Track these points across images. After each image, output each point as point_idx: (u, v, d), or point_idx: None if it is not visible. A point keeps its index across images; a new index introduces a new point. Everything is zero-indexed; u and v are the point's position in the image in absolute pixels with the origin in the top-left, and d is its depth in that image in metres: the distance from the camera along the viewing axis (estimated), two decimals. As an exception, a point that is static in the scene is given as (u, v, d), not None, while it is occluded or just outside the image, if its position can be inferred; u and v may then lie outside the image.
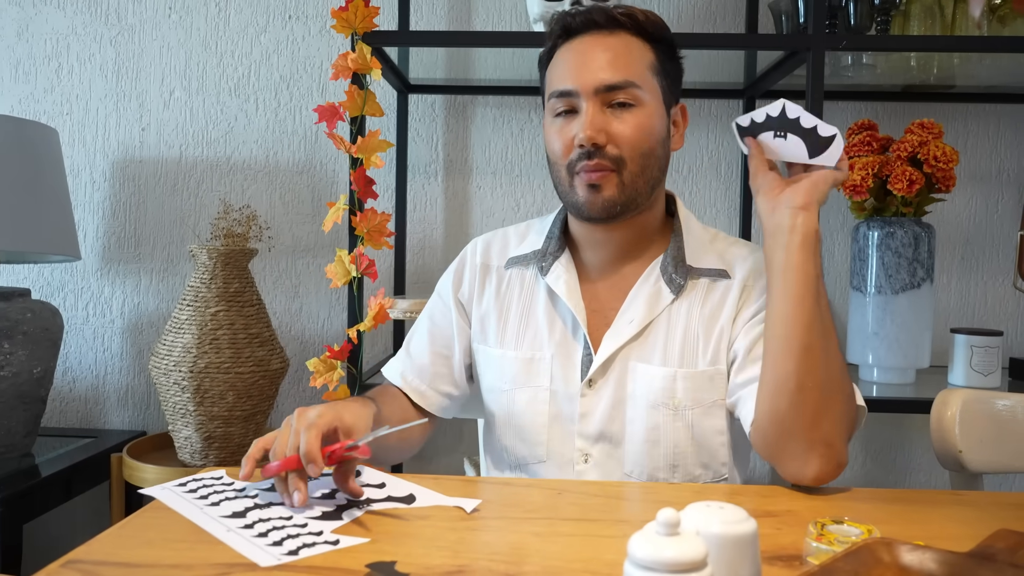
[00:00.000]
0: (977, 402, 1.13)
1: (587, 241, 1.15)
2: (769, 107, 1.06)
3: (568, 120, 1.07)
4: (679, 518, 0.54)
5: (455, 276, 1.22)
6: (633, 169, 1.06)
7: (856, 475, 2.00)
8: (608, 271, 1.14)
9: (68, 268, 2.06)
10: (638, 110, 1.06)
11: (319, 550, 0.74)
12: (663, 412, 1.06)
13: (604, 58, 1.06)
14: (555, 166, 1.10)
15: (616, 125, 1.05)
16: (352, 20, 1.53)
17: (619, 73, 1.05)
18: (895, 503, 0.93)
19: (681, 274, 1.10)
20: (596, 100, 1.05)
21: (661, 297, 1.09)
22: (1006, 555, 0.65)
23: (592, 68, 1.05)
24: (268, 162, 2.03)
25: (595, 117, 1.04)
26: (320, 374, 1.57)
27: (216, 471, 0.99)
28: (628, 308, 1.10)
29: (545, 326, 1.13)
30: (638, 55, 1.08)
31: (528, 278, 1.17)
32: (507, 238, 1.22)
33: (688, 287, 1.10)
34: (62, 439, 1.91)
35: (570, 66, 1.07)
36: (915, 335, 1.65)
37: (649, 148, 1.07)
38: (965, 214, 1.96)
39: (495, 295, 1.18)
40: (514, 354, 1.13)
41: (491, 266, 1.20)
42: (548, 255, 1.15)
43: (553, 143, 1.09)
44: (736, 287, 1.10)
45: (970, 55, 1.66)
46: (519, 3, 1.97)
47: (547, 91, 1.11)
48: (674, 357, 1.07)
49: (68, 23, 2.03)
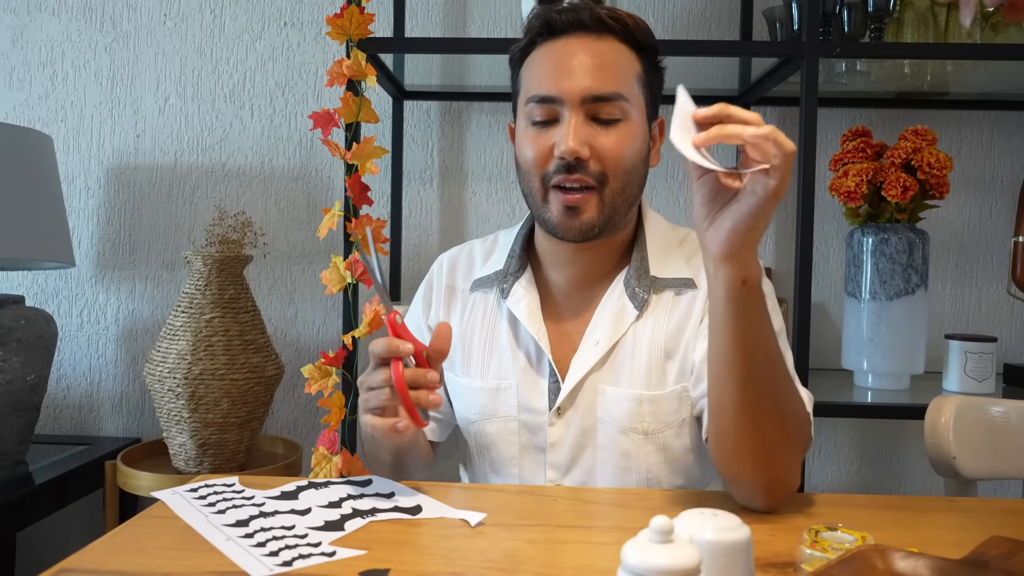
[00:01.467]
0: (971, 408, 1.13)
1: (552, 260, 1.08)
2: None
3: (546, 129, 1.00)
4: (672, 525, 0.54)
5: (423, 302, 1.17)
6: (615, 187, 0.99)
7: (851, 481, 2.00)
8: (573, 290, 1.07)
9: (62, 275, 2.05)
10: (624, 125, 0.99)
11: (314, 561, 0.74)
12: (633, 437, 1.02)
13: (591, 64, 0.97)
14: (528, 176, 1.02)
15: (601, 139, 0.98)
16: (347, 27, 1.53)
17: (608, 83, 0.97)
18: (889, 510, 0.93)
19: (644, 287, 1.03)
20: (581, 110, 0.97)
21: (625, 314, 1.03)
22: (999, 562, 0.65)
23: (578, 74, 0.97)
24: (263, 168, 2.03)
25: (579, 128, 0.97)
26: (315, 380, 1.57)
27: (229, 478, 0.99)
28: (593, 329, 1.04)
29: (509, 353, 1.07)
30: (626, 64, 1.00)
31: (491, 302, 1.10)
32: (472, 256, 1.16)
33: (652, 301, 1.04)
34: (56, 446, 1.90)
35: (552, 69, 0.99)
36: (910, 341, 1.65)
37: (632, 165, 1.00)
38: (959, 220, 1.97)
39: (459, 321, 1.12)
40: (480, 384, 1.08)
41: (456, 288, 1.14)
42: (509, 276, 1.08)
43: (526, 151, 1.01)
44: (701, 297, 1.03)
45: (964, 62, 1.67)
46: (514, 10, 1.97)
47: (523, 93, 1.03)
48: (640, 378, 1.01)
49: (63, 30, 2.03)
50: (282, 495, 0.92)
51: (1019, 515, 0.93)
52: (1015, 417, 1.14)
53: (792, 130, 1.97)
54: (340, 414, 1.56)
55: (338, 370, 1.58)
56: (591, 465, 1.04)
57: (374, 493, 0.94)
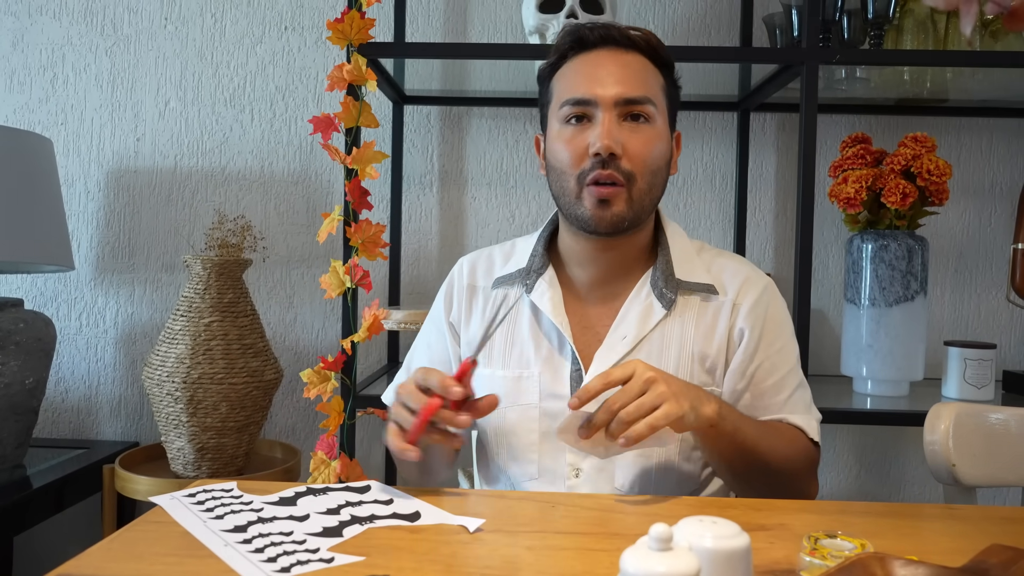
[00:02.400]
0: (970, 416, 1.13)
1: (577, 258, 1.14)
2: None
3: (580, 128, 1.06)
4: (671, 533, 0.54)
5: (445, 299, 1.21)
6: (642, 186, 1.06)
7: (850, 487, 2.00)
8: (596, 288, 1.13)
9: (61, 278, 2.05)
10: (651, 127, 1.06)
11: (312, 567, 0.74)
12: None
13: (622, 72, 1.06)
14: (562, 175, 1.08)
15: (631, 140, 1.05)
16: (347, 32, 1.53)
17: (638, 88, 1.05)
18: (888, 517, 0.93)
19: (672, 288, 1.09)
20: (614, 111, 1.04)
21: (653, 313, 1.09)
22: (999, 570, 0.65)
23: (611, 80, 1.05)
24: (263, 173, 2.03)
25: (612, 127, 1.04)
26: (314, 385, 1.57)
27: (228, 483, 0.98)
28: (620, 324, 1.09)
29: (531, 343, 1.12)
30: (652, 75, 1.09)
31: (513, 297, 1.16)
32: (492, 258, 1.21)
33: (680, 303, 1.10)
34: (54, 450, 1.90)
35: (586, 76, 1.07)
36: (909, 348, 1.65)
37: (658, 167, 1.07)
38: (958, 227, 1.97)
39: (481, 316, 1.17)
40: (502, 373, 1.12)
41: (477, 287, 1.19)
42: (532, 273, 1.14)
43: (562, 152, 1.07)
44: (727, 306, 1.10)
45: (963, 69, 1.67)
46: (515, 15, 1.98)
47: (555, 100, 1.10)
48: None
49: (63, 33, 2.03)
50: (281, 501, 0.92)
51: (1019, 523, 0.92)
52: (1014, 424, 1.14)
53: (792, 136, 1.97)
54: (339, 419, 1.56)
55: (337, 374, 1.58)
56: None
57: (372, 499, 0.94)
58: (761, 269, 1.18)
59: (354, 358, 1.58)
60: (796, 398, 1.11)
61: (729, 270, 1.13)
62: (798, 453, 1.07)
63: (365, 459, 1.99)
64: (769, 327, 1.10)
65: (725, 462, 1.02)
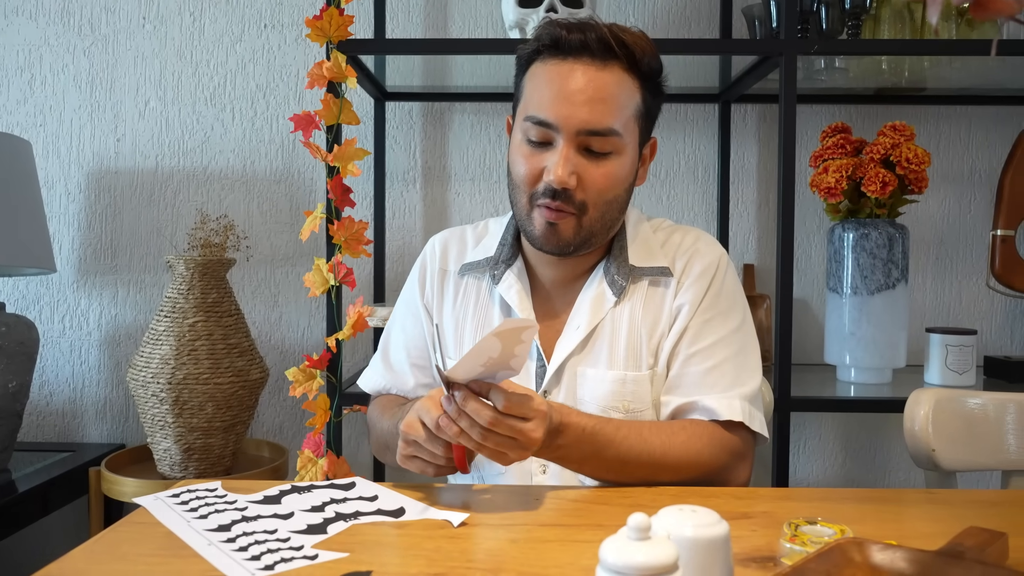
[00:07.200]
0: (949, 401, 1.14)
1: (537, 260, 1.15)
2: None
3: (540, 150, 1.04)
4: (650, 522, 0.54)
5: (419, 282, 1.21)
6: (594, 215, 1.05)
7: (835, 475, 2.01)
8: (560, 281, 1.14)
9: (43, 281, 2.04)
10: (613, 159, 1.04)
11: (296, 565, 0.74)
12: (613, 416, 1.05)
13: (591, 95, 1.01)
14: (516, 189, 1.07)
15: (589, 171, 1.03)
16: (327, 29, 1.53)
17: (604, 118, 1.01)
18: (869, 503, 0.94)
19: (623, 275, 1.10)
20: (574, 141, 1.02)
21: (604, 300, 1.09)
22: (975, 553, 0.66)
23: (577, 104, 1.00)
24: (245, 171, 2.02)
25: (570, 159, 1.01)
26: (299, 383, 1.57)
27: (212, 483, 0.98)
28: (575, 315, 1.10)
29: None
30: (626, 98, 1.04)
31: (483, 287, 1.16)
32: (464, 240, 1.21)
33: (630, 289, 1.10)
34: (39, 454, 1.88)
35: (554, 93, 1.02)
36: (891, 335, 1.67)
37: (614, 196, 1.06)
38: (938, 215, 1.99)
39: (452, 304, 1.17)
40: None
41: (448, 271, 1.19)
42: (500, 263, 1.14)
43: (519, 167, 1.06)
44: (673, 284, 1.10)
45: (940, 58, 1.68)
46: (495, 10, 1.97)
47: (522, 107, 1.07)
48: (619, 360, 1.08)
49: (40, 34, 2.01)
50: (265, 499, 0.92)
51: (996, 506, 0.94)
52: (993, 409, 1.15)
53: (773, 127, 1.98)
54: (325, 417, 1.56)
55: (323, 373, 1.58)
56: None
57: (357, 496, 0.94)
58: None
59: (339, 356, 1.58)
60: (719, 374, 1.06)
61: (682, 247, 1.12)
62: (701, 451, 1.01)
63: (352, 456, 1.99)
64: (706, 299, 1.08)
65: (596, 475, 1.01)
